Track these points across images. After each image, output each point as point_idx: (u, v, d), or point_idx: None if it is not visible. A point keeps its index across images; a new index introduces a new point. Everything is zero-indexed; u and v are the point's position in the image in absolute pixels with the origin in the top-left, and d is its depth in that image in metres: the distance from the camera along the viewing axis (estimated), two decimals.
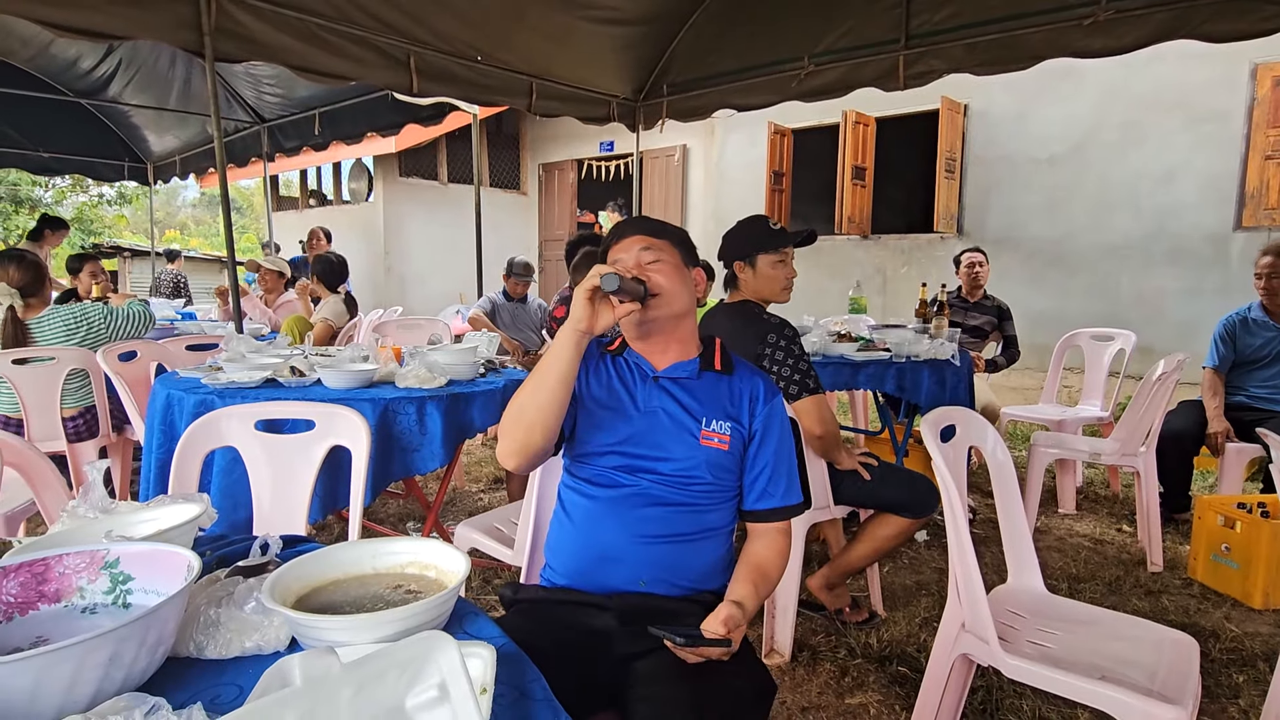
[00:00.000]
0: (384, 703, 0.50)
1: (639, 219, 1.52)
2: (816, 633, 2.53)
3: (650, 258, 1.40)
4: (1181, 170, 6.23)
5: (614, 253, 1.45)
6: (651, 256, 1.40)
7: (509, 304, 5.25)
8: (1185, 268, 6.24)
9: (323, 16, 3.72)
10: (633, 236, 1.44)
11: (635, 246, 1.42)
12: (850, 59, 4.43)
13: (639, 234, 1.44)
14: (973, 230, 7.36)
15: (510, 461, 1.32)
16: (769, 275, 2.42)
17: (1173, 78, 6.13)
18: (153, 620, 0.65)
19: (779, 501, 1.40)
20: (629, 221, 1.51)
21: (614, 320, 1.27)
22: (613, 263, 1.42)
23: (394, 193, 10.60)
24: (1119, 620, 1.79)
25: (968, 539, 1.69)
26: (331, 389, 2.44)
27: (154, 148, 8.50)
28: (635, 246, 1.42)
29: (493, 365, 3.02)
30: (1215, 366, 3.59)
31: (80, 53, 6.63)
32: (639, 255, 1.40)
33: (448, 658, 0.53)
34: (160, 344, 3.35)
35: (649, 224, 1.48)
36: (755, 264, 2.42)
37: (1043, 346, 5.50)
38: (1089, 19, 3.63)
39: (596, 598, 1.34)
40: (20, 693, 0.58)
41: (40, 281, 3.17)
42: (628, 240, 1.44)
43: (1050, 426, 3.95)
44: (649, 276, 1.37)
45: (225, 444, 1.85)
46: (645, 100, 5.44)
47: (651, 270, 1.38)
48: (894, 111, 7.68)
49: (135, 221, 22.62)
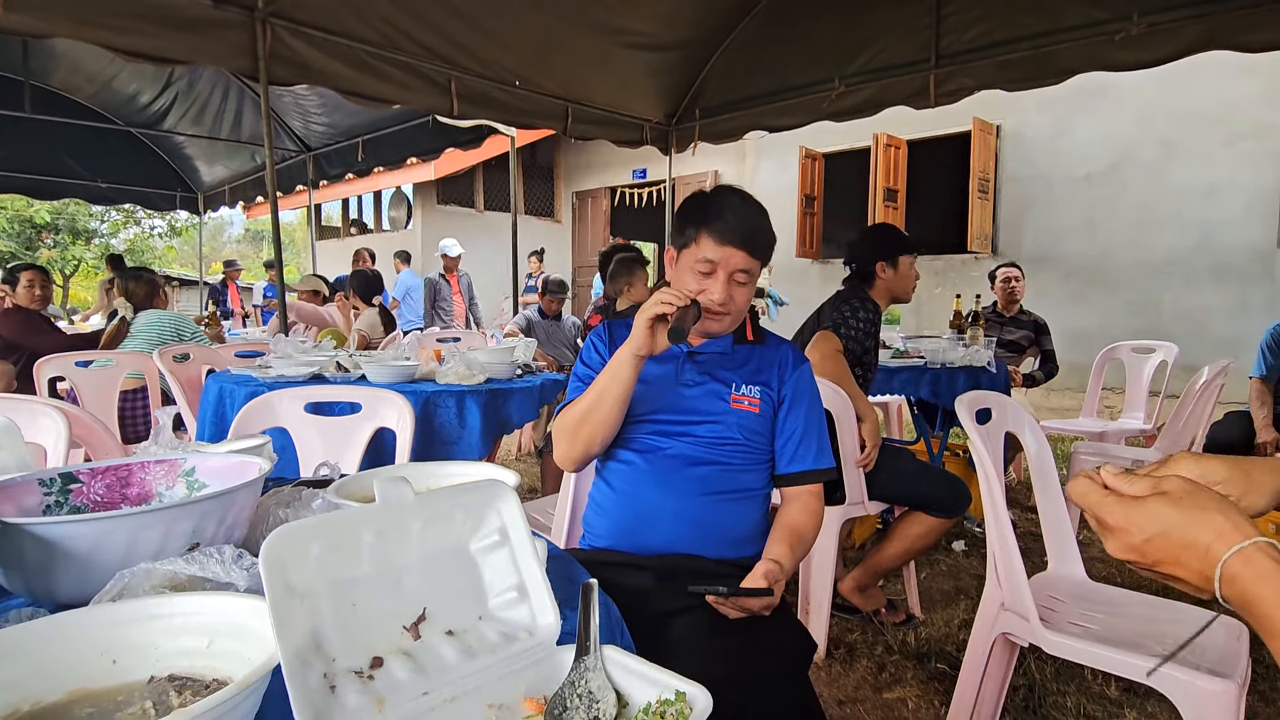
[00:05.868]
0: (449, 541, 0.54)
1: (751, 220, 1.37)
2: (853, 630, 2.51)
3: (742, 280, 1.37)
4: (1224, 186, 6.15)
5: (713, 247, 1.34)
6: (744, 280, 1.37)
7: (544, 321, 5.34)
8: (1229, 284, 6.12)
9: (370, 43, 3.89)
10: (739, 251, 1.34)
11: (736, 264, 1.34)
12: (882, 79, 4.48)
13: (745, 251, 1.34)
14: (1008, 250, 7.32)
15: (569, 466, 1.44)
16: (907, 275, 2.69)
17: (1212, 93, 6.08)
18: (230, 500, 0.70)
19: (811, 464, 1.42)
20: (741, 218, 1.35)
21: (669, 342, 1.28)
22: (704, 259, 1.34)
23: (432, 219, 10.87)
24: (1164, 605, 1.75)
25: (1006, 519, 1.69)
26: (376, 383, 2.52)
27: (205, 177, 8.86)
28: (736, 264, 1.34)
29: (529, 368, 3.08)
30: (1263, 376, 3.50)
31: (140, 88, 6.99)
32: (734, 274, 1.35)
33: (508, 506, 0.57)
34: (212, 348, 3.48)
35: (757, 239, 1.36)
36: (898, 264, 2.65)
37: (1083, 366, 5.40)
38: (1120, 34, 3.64)
39: (635, 558, 1.37)
40: (115, 549, 0.63)
41: (153, 295, 3.89)
42: (732, 250, 1.33)
43: (1091, 438, 3.88)
44: (731, 297, 1.35)
45: (278, 424, 1.92)
46: (678, 124, 5.54)
47: (736, 293, 1.36)
48: (925, 134, 7.72)
49: (184, 254, 23.44)
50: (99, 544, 0.64)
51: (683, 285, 1.37)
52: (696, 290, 1.35)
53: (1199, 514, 0.59)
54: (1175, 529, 0.60)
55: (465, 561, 0.56)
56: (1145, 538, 0.61)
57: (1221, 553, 0.57)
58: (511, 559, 0.56)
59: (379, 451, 2.14)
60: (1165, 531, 0.60)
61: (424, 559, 0.54)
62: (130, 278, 3.92)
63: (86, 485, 0.83)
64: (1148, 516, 0.61)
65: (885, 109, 4.53)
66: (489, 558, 0.57)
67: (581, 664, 0.54)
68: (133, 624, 0.52)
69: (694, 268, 1.36)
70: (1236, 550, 0.56)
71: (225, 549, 0.61)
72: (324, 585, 0.51)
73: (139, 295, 3.85)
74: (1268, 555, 0.56)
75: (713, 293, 1.34)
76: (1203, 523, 0.59)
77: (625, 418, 1.42)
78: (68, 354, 3.21)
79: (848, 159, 8.65)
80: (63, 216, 16.52)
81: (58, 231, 16.72)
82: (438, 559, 0.55)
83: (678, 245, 1.42)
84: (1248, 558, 0.56)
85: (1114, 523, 0.63)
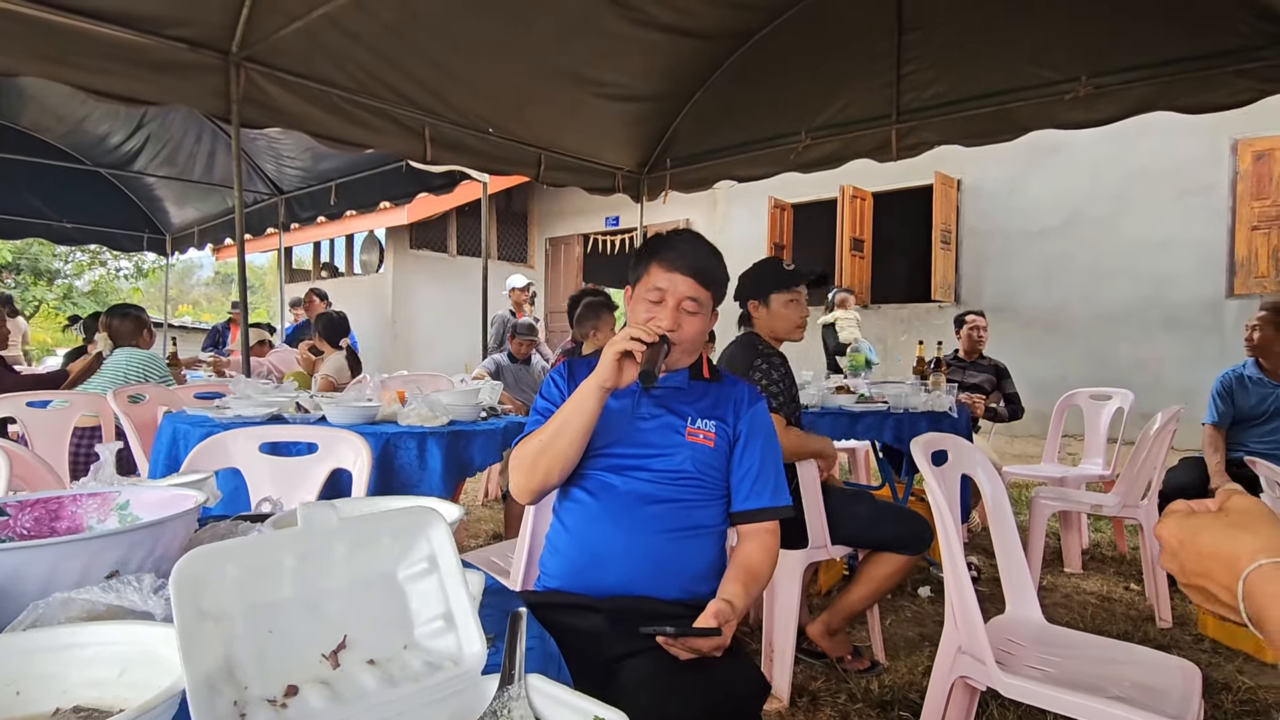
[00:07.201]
0: (376, 567, 0.54)
1: (700, 252, 1.43)
2: (816, 678, 2.48)
3: (691, 309, 1.40)
4: (1175, 241, 6.40)
5: (662, 275, 1.39)
6: (692, 308, 1.40)
7: (512, 365, 5.33)
8: (1182, 335, 6.32)
9: (344, 88, 3.94)
10: (687, 278, 1.39)
11: (684, 291, 1.38)
12: (846, 132, 4.64)
13: (693, 279, 1.39)
14: (970, 299, 7.50)
15: (525, 497, 1.41)
16: (782, 314, 2.50)
17: (1160, 152, 6.37)
18: (159, 532, 0.69)
19: (767, 501, 1.42)
20: (691, 249, 1.42)
21: (636, 378, 1.31)
22: (654, 287, 1.39)
23: (404, 263, 10.88)
24: (1120, 647, 1.77)
25: (962, 563, 1.70)
26: (336, 424, 2.48)
27: (174, 219, 8.79)
28: (684, 291, 1.38)
29: (494, 411, 3.06)
30: (1215, 423, 3.60)
31: (111, 128, 6.97)
32: (682, 302, 1.39)
33: (438, 533, 0.56)
34: (170, 389, 3.41)
35: (705, 271, 1.41)
36: (769, 303, 2.51)
37: (1044, 414, 5.50)
38: (1069, 94, 3.83)
39: (588, 599, 1.35)
40: (35, 580, 0.61)
41: (136, 334, 3.80)
42: (680, 278, 1.38)
43: (1052, 483, 3.94)
44: (680, 325, 1.38)
45: (230, 464, 1.88)
46: (650, 172, 5.66)
47: (685, 321, 1.39)
48: (890, 186, 7.95)
49: (150, 296, 23.12)
50: (16, 574, 0.62)
51: (635, 317, 1.41)
52: (646, 318, 1.38)
53: (1238, 530, 0.58)
54: (1211, 540, 0.59)
55: (392, 589, 0.55)
56: (1183, 545, 0.60)
57: (1245, 567, 0.56)
58: (440, 587, 0.56)
59: (337, 493, 2.09)
60: (1202, 541, 0.59)
61: (348, 585, 0.53)
62: (117, 314, 3.87)
63: (13, 518, 0.81)
64: (1192, 527, 0.61)
65: (850, 161, 4.68)
66: (417, 585, 0.56)
67: (505, 693, 0.53)
68: (40, 654, 0.50)
69: (645, 297, 1.41)
70: (1256, 567, 0.55)
71: (145, 577, 0.59)
72: (240, 610, 0.49)
73: (122, 331, 3.79)
74: None
75: (661, 319, 1.37)
76: (1238, 538, 0.58)
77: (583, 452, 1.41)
78: (18, 394, 3.13)
79: (816, 209, 8.87)
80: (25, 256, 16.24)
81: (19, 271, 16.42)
82: (363, 586, 0.54)
83: (632, 281, 1.47)
84: (1269, 575, 0.55)
85: (1164, 534, 0.63)
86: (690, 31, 4.53)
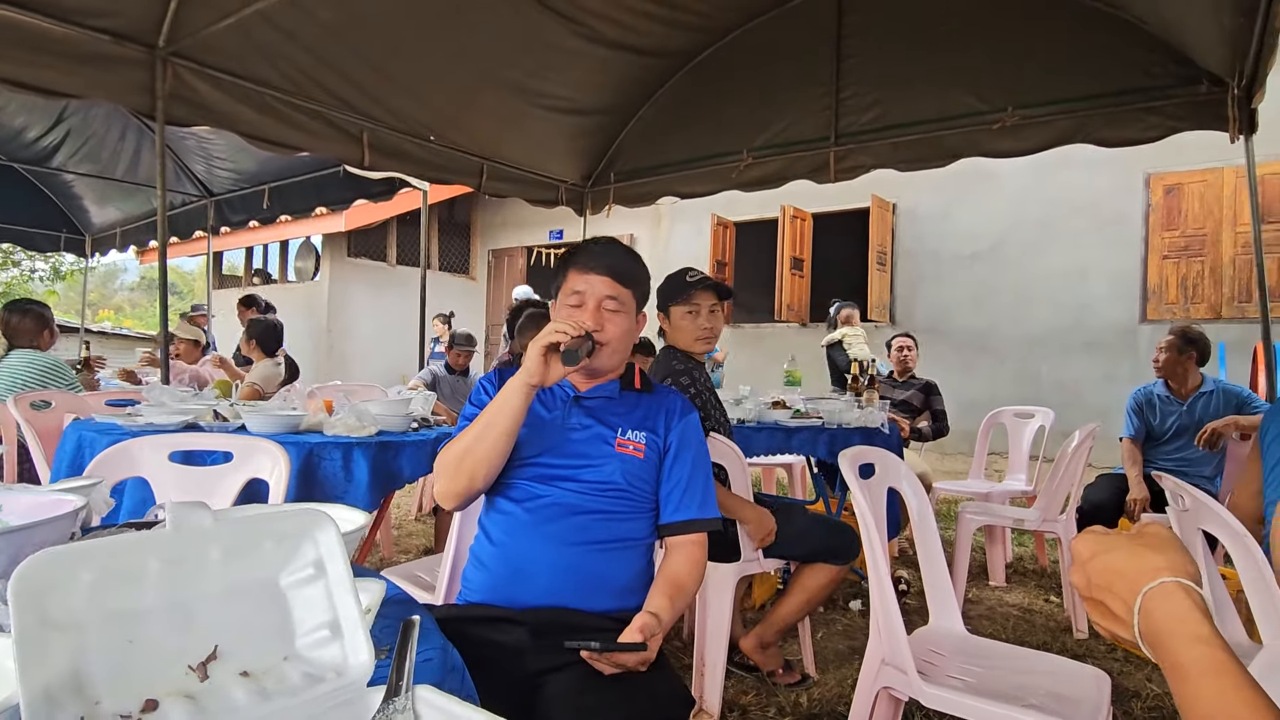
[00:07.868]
0: (256, 572, 0.50)
1: (615, 252, 1.45)
2: (747, 692, 2.47)
3: (612, 307, 1.40)
4: (1093, 268, 6.72)
5: (579, 279, 1.40)
6: (613, 307, 1.40)
7: (450, 376, 5.22)
8: (1099, 357, 6.63)
9: (278, 89, 3.82)
10: (603, 277, 1.40)
11: (602, 290, 1.39)
12: (786, 153, 4.73)
13: (610, 278, 1.40)
14: (904, 319, 7.72)
15: (450, 502, 1.36)
16: (680, 325, 2.46)
17: (1080, 184, 6.71)
18: (25, 538, 0.63)
19: (695, 513, 1.41)
20: (605, 250, 1.44)
21: (564, 374, 1.30)
22: (572, 291, 1.40)
23: (341, 272, 10.61)
24: (1036, 657, 1.81)
25: (887, 575, 1.72)
26: (256, 433, 2.38)
27: (94, 219, 8.38)
28: (602, 290, 1.39)
29: (426, 422, 2.99)
30: (1132, 436, 3.76)
31: (27, 122, 6.60)
32: (602, 301, 1.39)
33: (326, 536, 0.53)
34: (80, 396, 3.23)
35: (621, 269, 1.42)
36: (670, 315, 2.49)
37: (973, 432, 5.69)
38: (997, 123, 3.99)
39: (510, 612, 1.31)
40: None
41: (37, 334, 3.51)
42: (596, 278, 1.39)
43: (978, 499, 4.05)
44: (603, 326, 1.37)
45: (136, 473, 1.78)
46: (594, 186, 5.65)
47: (608, 320, 1.39)
48: (829, 208, 8.15)
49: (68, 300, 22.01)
50: None
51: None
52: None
53: (1147, 550, 0.59)
54: (1121, 556, 0.60)
55: (273, 596, 0.52)
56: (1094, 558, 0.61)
57: (1144, 585, 0.56)
58: (327, 594, 0.52)
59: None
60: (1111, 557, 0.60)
61: (224, 592, 0.50)
62: (16, 310, 3.53)
63: None
64: (1106, 544, 0.61)
65: (790, 182, 4.77)
66: (301, 592, 0.52)
67: (390, 705, 0.50)
68: None
69: (565, 303, 1.40)
70: (1158, 584, 0.55)
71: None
72: (95, 618, 0.45)
73: (20, 330, 3.48)
74: (1187, 595, 0.55)
75: (583, 319, 1.36)
76: (1146, 556, 0.58)
77: (510, 462, 1.38)
78: None
79: (758, 228, 9.02)
80: None
81: None
82: (240, 592, 0.50)
83: (554, 293, 1.46)
84: (1167, 593, 0.55)
85: (1079, 546, 0.63)
86: (637, 49, 4.55)
